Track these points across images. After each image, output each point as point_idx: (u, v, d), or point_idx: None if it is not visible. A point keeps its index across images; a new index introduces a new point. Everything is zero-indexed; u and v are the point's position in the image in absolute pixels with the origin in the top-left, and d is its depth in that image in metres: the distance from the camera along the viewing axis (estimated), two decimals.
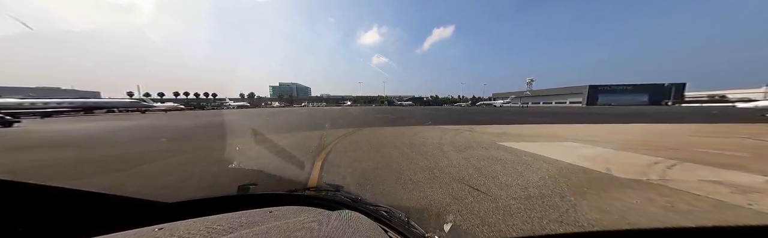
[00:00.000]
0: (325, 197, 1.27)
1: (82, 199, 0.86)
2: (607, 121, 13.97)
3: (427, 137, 7.53)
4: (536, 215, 2.28)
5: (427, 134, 8.45)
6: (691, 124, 11.78)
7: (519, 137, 7.58)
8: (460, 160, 4.51)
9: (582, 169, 3.87)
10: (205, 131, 10.83)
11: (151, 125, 14.23)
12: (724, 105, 47.72)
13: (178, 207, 1.02)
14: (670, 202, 2.57)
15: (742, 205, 2.48)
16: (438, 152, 5.27)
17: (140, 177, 3.77)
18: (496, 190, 2.97)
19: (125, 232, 0.75)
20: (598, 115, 20.92)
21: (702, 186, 3.02)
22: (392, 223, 0.99)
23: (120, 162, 4.77)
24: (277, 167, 4.42)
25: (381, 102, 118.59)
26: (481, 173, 3.70)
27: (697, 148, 5.47)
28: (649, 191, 2.87)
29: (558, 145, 6.04)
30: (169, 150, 5.98)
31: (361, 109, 43.19)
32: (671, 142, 6.36)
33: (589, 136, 7.66)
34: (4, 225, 0.69)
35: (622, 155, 4.94)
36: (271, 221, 0.85)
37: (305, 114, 25.80)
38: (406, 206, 2.63)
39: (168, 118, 21.96)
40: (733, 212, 2.36)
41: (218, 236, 0.73)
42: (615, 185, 3.14)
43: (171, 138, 8.40)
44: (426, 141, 6.75)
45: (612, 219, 2.21)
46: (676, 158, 4.51)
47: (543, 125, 12.02)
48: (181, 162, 4.69)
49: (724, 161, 4.21)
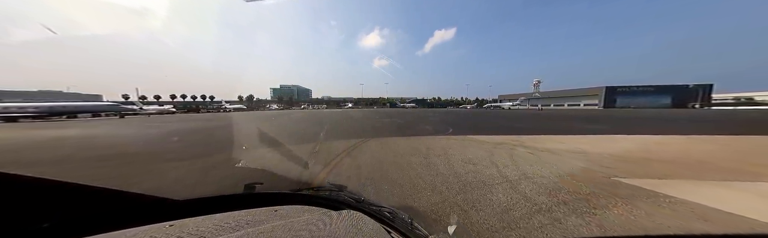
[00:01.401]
0: (329, 197, 1.27)
1: (100, 196, 0.88)
2: (696, 130, 10.30)
3: (474, 161, 4.82)
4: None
5: (466, 153, 5.69)
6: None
7: (624, 161, 4.71)
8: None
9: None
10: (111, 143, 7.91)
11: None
12: (758, 108, 44.45)
13: (187, 204, 1.04)
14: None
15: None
16: (545, 218, 2.43)
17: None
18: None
19: (138, 228, 0.83)
20: (660, 120, 16.78)
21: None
22: (395, 224, 1.00)
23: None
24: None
25: (383, 104, 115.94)
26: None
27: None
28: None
29: (743, 189, 3.21)
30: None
31: (363, 112, 38.36)
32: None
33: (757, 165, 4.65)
34: (33, 221, 0.72)
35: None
36: (276, 220, 0.91)
37: (300, 119, 22.29)
38: (409, 207, 2.54)
39: (110, 125, 19.17)
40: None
41: (225, 233, 0.78)
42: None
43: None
44: (480, 173, 4.02)
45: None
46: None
47: (608, 135, 8.95)
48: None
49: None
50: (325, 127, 13.24)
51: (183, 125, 16.73)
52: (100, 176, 3.99)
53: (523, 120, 18.45)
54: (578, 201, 2.75)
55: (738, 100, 63.13)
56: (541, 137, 8.31)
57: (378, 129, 11.82)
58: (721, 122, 15.04)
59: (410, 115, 25.63)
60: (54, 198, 0.79)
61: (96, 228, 0.79)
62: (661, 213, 2.46)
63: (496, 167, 4.39)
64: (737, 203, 2.65)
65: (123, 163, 5.14)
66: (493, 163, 4.69)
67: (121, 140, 9.34)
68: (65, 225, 0.77)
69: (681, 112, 35.15)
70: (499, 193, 3.06)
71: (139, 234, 0.79)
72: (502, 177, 3.76)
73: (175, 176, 4.01)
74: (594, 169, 4.18)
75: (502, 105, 75.49)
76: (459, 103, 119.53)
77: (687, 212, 2.46)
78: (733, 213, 2.42)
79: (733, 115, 24.44)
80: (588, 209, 2.55)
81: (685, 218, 2.36)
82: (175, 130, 12.90)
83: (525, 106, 79.60)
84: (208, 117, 28.84)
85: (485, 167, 4.43)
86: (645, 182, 3.42)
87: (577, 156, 5.25)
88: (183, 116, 33.77)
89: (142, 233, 0.80)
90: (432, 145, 6.82)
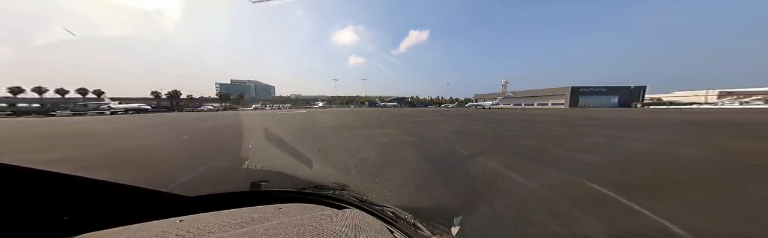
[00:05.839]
0: (332, 196, 1.28)
1: (119, 192, 0.97)
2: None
3: None
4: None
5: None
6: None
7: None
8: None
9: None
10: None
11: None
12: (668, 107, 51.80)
13: (197, 201, 1.13)
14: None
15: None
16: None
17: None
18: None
19: (152, 222, 0.89)
20: (692, 124, 11.92)
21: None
22: (398, 224, 1.01)
23: None
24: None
25: (361, 103, 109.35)
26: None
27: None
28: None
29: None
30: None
31: (333, 115, 24.54)
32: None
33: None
34: (54, 213, 0.82)
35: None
36: (281, 218, 0.93)
37: (200, 131, 11.09)
38: (412, 207, 2.48)
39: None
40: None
41: (232, 229, 0.82)
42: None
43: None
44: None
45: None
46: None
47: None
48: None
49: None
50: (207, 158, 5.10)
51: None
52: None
53: (536, 126, 11.36)
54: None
55: (652, 101, 74.08)
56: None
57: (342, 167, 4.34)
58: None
59: (398, 119, 17.16)
60: (74, 193, 0.89)
61: (114, 221, 0.86)
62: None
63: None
64: None
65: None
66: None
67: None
68: (85, 218, 0.87)
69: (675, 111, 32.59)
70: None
71: (153, 228, 0.84)
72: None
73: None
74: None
75: (483, 104, 75.51)
76: (439, 102, 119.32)
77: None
78: None
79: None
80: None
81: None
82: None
83: (508, 105, 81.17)
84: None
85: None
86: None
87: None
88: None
89: (155, 227, 0.85)
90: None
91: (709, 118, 16.00)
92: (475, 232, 2.10)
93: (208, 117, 24.26)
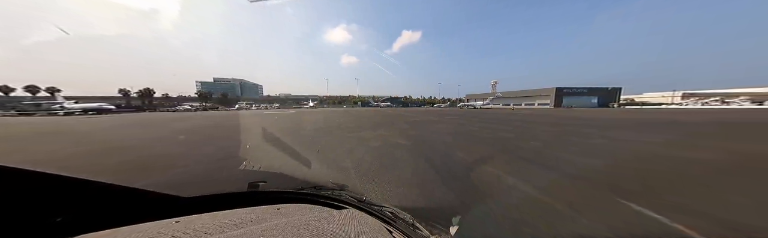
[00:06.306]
0: (331, 196, 1.28)
1: (113, 193, 0.95)
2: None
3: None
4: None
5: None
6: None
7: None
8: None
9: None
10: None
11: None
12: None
13: (193, 201, 1.10)
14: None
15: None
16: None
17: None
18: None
19: (147, 223, 0.87)
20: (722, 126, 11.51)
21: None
22: (397, 224, 1.01)
23: None
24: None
25: (354, 103, 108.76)
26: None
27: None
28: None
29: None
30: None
31: (323, 115, 22.63)
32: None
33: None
34: (48, 215, 0.79)
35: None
36: (279, 218, 0.92)
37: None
38: (411, 207, 2.48)
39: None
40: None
41: (229, 230, 0.80)
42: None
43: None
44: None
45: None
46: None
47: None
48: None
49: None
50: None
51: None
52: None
53: (558, 130, 10.96)
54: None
55: (626, 102, 78.13)
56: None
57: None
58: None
59: (394, 120, 15.79)
60: (68, 194, 0.86)
61: (108, 223, 0.84)
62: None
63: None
64: None
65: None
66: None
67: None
68: (79, 219, 0.84)
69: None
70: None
71: (148, 230, 0.82)
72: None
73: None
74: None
75: (475, 104, 77.72)
76: (432, 102, 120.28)
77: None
78: None
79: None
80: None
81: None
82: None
83: (498, 105, 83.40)
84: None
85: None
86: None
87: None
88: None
89: (151, 228, 0.83)
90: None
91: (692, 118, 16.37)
92: (473, 232, 2.16)
93: (169, 119, 19.57)
